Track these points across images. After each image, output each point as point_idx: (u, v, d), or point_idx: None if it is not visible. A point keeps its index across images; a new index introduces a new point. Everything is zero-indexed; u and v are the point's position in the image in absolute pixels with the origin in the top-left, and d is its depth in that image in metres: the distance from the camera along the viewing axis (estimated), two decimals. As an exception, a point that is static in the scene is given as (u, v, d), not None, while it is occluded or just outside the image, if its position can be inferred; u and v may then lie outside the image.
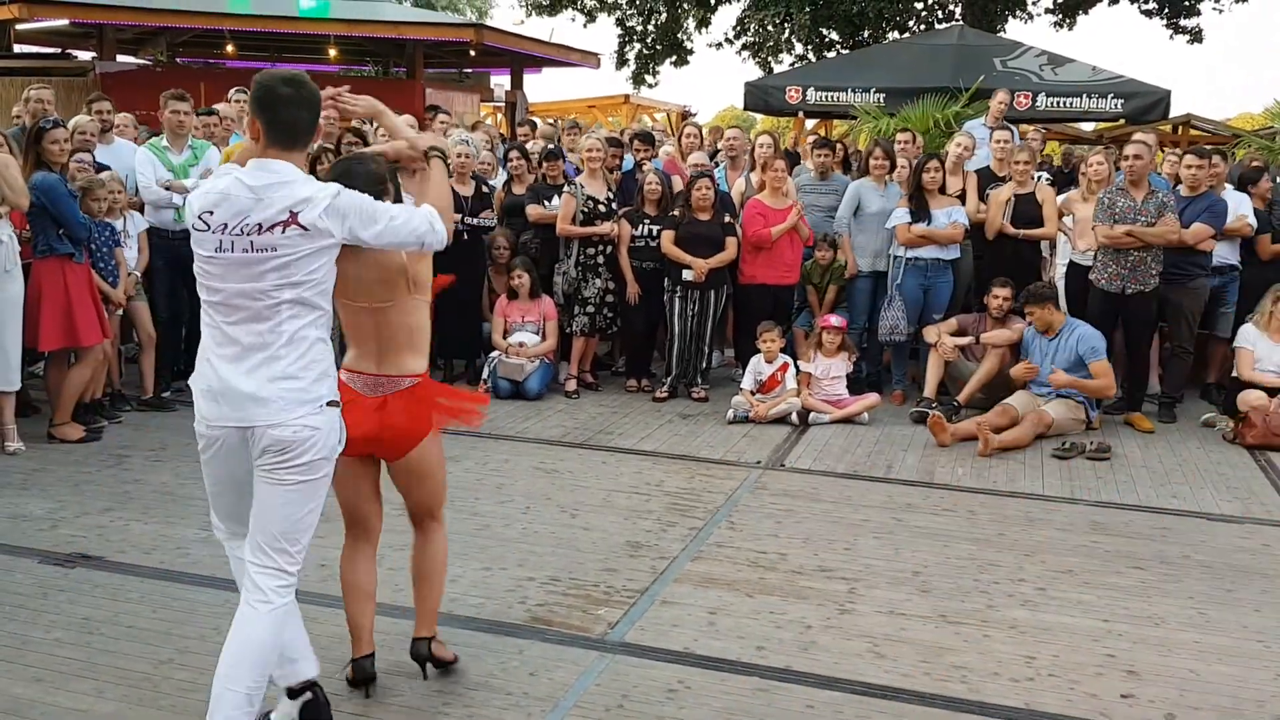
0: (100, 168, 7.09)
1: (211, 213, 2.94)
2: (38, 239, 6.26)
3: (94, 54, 15.85)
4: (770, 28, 21.27)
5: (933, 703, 3.61)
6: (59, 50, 17.39)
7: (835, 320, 7.61)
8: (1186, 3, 20.32)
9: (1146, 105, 12.47)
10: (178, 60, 18.48)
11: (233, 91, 8.62)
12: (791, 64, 21.09)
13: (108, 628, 3.96)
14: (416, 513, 3.62)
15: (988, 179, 8.28)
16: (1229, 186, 8.03)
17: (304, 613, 4.08)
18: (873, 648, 4.00)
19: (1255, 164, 8.81)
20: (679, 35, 22.58)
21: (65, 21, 15.19)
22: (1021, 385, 7.26)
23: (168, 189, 7.25)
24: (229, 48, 17.88)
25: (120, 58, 16.50)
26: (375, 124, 9.45)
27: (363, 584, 3.50)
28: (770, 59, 21.78)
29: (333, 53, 18.18)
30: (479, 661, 3.78)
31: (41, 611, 4.09)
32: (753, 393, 7.42)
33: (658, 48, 22.76)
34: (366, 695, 3.50)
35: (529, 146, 9.43)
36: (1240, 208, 7.84)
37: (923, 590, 4.56)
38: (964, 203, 7.99)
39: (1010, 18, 21.04)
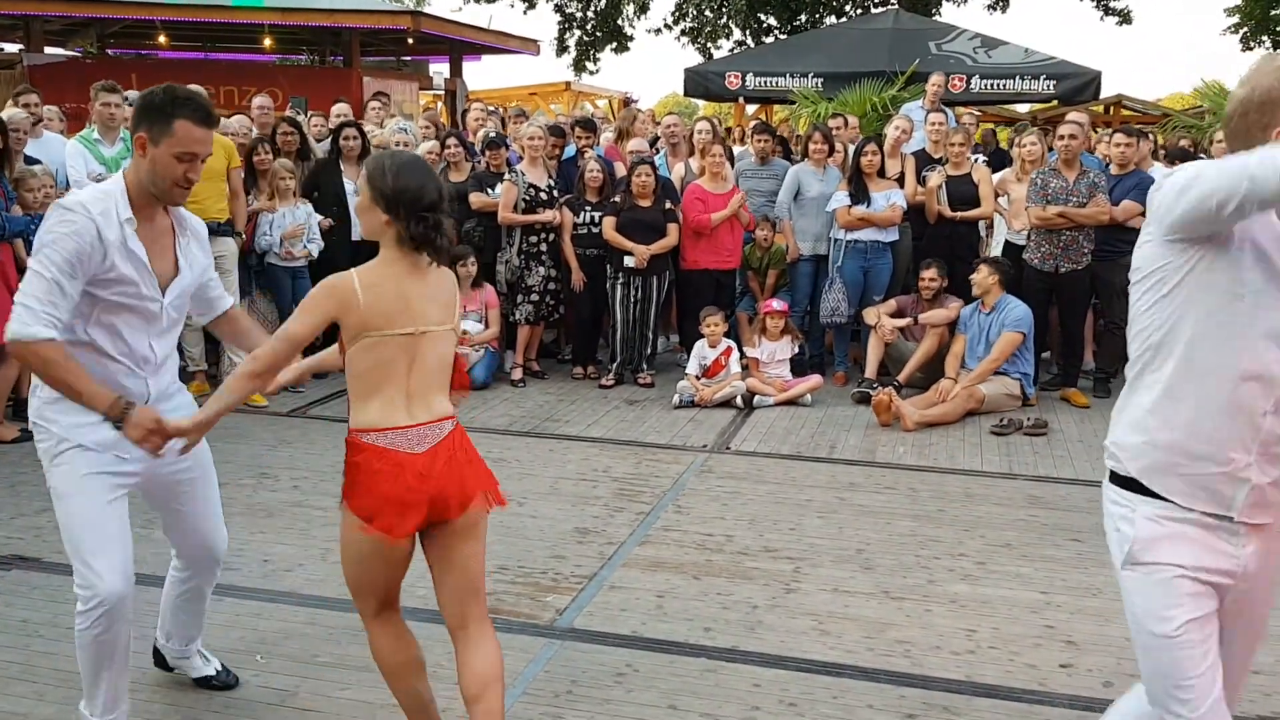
0: (30, 161, 6.93)
1: None
2: None
3: (21, 45, 15.48)
4: (708, 13, 21.31)
5: (876, 678, 3.68)
6: (-16, 42, 16.99)
7: (777, 304, 7.68)
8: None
9: (1078, 86, 12.69)
10: (108, 51, 18.12)
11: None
12: (730, 49, 21.15)
13: (46, 630, 3.90)
14: (469, 601, 2.90)
15: (924, 161, 8.39)
16: (1156, 164, 8.18)
17: (247, 609, 4.08)
18: (818, 625, 4.06)
19: (1183, 142, 8.98)
20: (618, 21, 22.54)
21: (-10, 14, 14.84)
22: (959, 364, 7.38)
23: (99, 182, 7.10)
24: (161, 38, 17.58)
25: (49, 49, 16.14)
26: (309, 114, 9.38)
27: (419, 654, 3.03)
28: (709, 44, 21.83)
29: (267, 42, 17.95)
30: (426, 651, 3.73)
31: (-22, 615, 4.03)
32: (697, 377, 7.46)
33: (598, 34, 22.72)
34: None
35: (475, 116, 9.38)
36: None
37: (866, 567, 4.63)
38: (902, 185, 8.09)
39: (944, 1, 21.28)
